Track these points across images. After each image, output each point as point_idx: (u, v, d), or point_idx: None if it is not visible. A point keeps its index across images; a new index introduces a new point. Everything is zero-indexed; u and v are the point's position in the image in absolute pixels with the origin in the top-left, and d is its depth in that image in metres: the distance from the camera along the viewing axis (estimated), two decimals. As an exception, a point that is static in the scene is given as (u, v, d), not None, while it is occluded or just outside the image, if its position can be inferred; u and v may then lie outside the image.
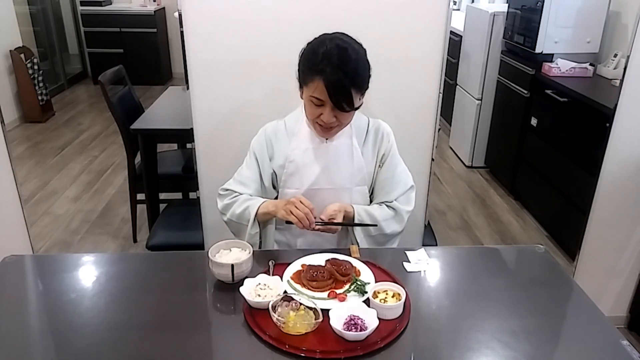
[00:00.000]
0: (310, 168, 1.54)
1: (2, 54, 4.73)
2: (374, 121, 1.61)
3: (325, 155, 1.53)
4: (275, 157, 1.57)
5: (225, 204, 1.58)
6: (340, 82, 1.34)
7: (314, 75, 1.36)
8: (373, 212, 1.55)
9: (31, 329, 1.19)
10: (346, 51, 1.36)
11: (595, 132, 2.60)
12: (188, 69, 1.83)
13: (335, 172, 1.54)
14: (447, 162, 4.33)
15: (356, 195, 1.58)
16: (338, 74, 1.34)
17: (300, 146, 1.54)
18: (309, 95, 1.41)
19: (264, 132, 1.59)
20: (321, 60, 1.35)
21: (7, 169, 2.01)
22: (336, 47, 1.36)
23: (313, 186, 1.54)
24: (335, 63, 1.34)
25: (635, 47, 1.95)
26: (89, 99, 5.98)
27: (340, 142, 1.54)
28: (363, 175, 1.57)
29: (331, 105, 1.38)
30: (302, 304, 1.17)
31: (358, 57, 1.38)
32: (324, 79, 1.34)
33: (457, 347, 1.13)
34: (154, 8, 6.23)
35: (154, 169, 2.78)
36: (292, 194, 1.54)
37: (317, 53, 1.37)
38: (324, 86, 1.35)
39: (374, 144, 1.59)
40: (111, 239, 3.09)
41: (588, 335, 1.19)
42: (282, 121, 1.60)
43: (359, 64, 1.38)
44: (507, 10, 3.65)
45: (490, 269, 1.45)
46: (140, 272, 1.42)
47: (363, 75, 1.39)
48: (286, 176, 1.56)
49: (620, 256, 2.31)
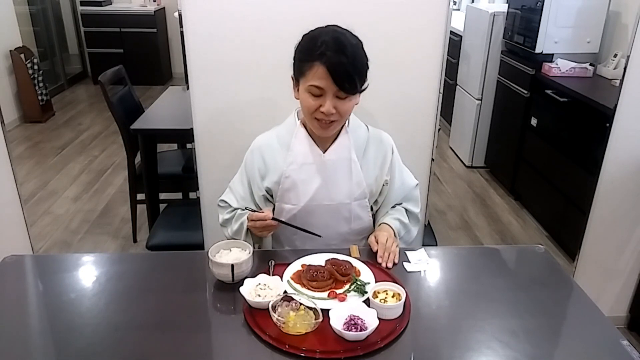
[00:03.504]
0: (308, 184, 1.49)
1: (2, 54, 4.73)
2: (373, 131, 1.57)
3: (323, 171, 1.49)
4: (270, 174, 1.52)
5: (225, 219, 1.58)
6: (342, 64, 1.31)
7: (313, 61, 1.33)
8: (403, 219, 1.60)
9: (31, 329, 1.18)
10: (344, 36, 1.36)
11: (595, 132, 2.60)
12: (188, 69, 1.83)
13: (333, 188, 1.50)
14: (447, 162, 4.33)
15: (356, 210, 1.54)
16: (339, 56, 1.31)
17: (296, 161, 1.49)
18: (308, 85, 1.36)
19: (257, 150, 1.54)
20: (320, 45, 1.33)
21: (7, 169, 2.01)
22: (333, 33, 1.36)
23: (311, 202, 1.50)
24: (334, 48, 1.32)
25: (635, 47, 1.95)
26: (89, 99, 5.99)
27: (338, 156, 1.49)
28: (362, 189, 1.52)
29: (332, 91, 1.34)
30: (302, 304, 1.17)
31: (356, 43, 1.37)
32: (325, 62, 1.31)
33: (457, 347, 1.13)
34: (154, 8, 6.23)
35: (154, 169, 2.78)
36: (290, 209, 1.52)
37: (314, 40, 1.36)
38: (324, 69, 1.32)
39: (375, 157, 1.55)
40: (111, 239, 3.09)
41: (588, 335, 1.19)
42: (273, 133, 1.55)
43: (358, 50, 1.37)
44: (507, 10, 3.65)
45: (490, 269, 1.45)
46: (140, 272, 1.42)
47: (362, 61, 1.37)
48: (282, 192, 1.51)
49: (620, 256, 2.31)
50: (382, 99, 1.89)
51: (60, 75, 6.17)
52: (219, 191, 1.63)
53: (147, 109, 2.95)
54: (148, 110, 2.93)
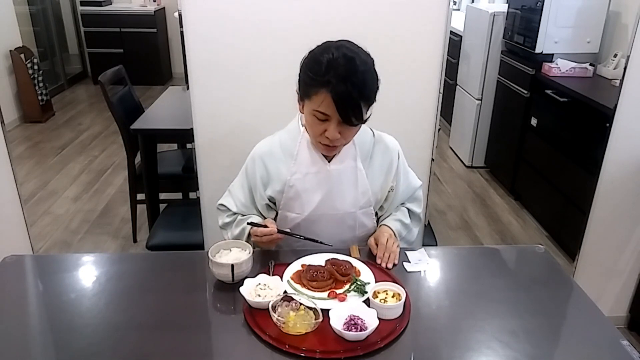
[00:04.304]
0: (312, 194, 1.46)
1: (2, 54, 4.73)
2: (379, 136, 1.52)
3: (328, 180, 1.45)
4: (273, 183, 1.47)
5: (225, 222, 1.57)
6: (349, 94, 1.24)
7: (319, 87, 1.25)
8: (405, 220, 1.58)
9: (31, 329, 1.18)
10: (354, 61, 1.25)
11: (595, 132, 2.60)
12: (188, 69, 1.83)
13: (338, 198, 1.46)
14: (447, 162, 4.33)
15: (361, 218, 1.52)
16: (346, 85, 1.23)
17: (300, 170, 1.44)
18: (313, 110, 1.29)
19: (259, 158, 1.48)
20: (326, 70, 1.24)
21: (7, 169, 2.01)
22: (343, 57, 1.25)
23: (316, 212, 1.47)
24: (342, 74, 1.23)
25: (635, 47, 1.95)
26: (89, 99, 5.99)
27: (343, 165, 1.45)
28: (368, 198, 1.49)
29: (337, 120, 1.28)
30: (302, 304, 1.17)
31: (366, 68, 1.28)
32: (331, 91, 1.24)
33: (457, 347, 1.13)
34: (154, 8, 6.23)
35: (154, 169, 2.78)
36: (294, 218, 1.49)
37: (321, 62, 1.26)
38: (330, 99, 1.24)
39: (381, 164, 1.50)
40: (111, 239, 3.09)
41: (588, 335, 1.19)
42: (275, 139, 1.50)
43: (367, 75, 1.28)
44: (507, 10, 3.65)
45: (490, 269, 1.45)
46: (140, 272, 1.42)
47: (371, 87, 1.29)
48: (286, 200, 1.47)
49: (620, 256, 2.31)
50: (382, 99, 1.88)
51: (60, 75, 6.17)
52: (219, 191, 1.63)
53: (147, 109, 2.95)
54: (148, 110, 2.93)
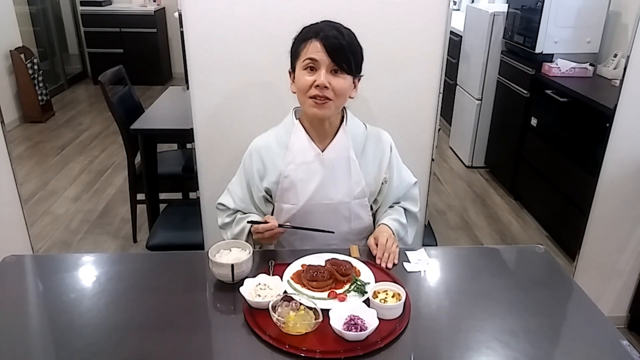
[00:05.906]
0: (307, 184, 1.49)
1: (2, 54, 4.73)
2: (371, 129, 1.56)
3: (322, 170, 1.48)
4: (268, 174, 1.51)
5: (224, 222, 1.58)
6: (336, 39, 1.35)
7: (308, 39, 1.37)
8: (402, 221, 1.59)
9: (31, 329, 1.18)
10: (339, 25, 1.41)
11: (595, 132, 2.60)
12: (188, 69, 1.83)
13: (332, 187, 1.50)
14: (447, 162, 4.33)
15: (355, 209, 1.54)
16: (334, 33, 1.36)
17: (294, 160, 1.48)
18: (302, 61, 1.38)
19: (255, 152, 1.53)
20: (314, 28, 1.38)
21: (7, 169, 2.01)
22: (328, 23, 1.41)
23: (310, 201, 1.50)
24: (329, 28, 1.38)
25: (635, 47, 1.95)
26: (89, 99, 5.99)
27: (337, 154, 1.49)
28: (362, 188, 1.52)
29: (327, 65, 1.36)
30: (302, 304, 1.17)
31: (351, 32, 1.41)
32: (321, 38, 1.35)
33: (457, 347, 1.13)
34: (154, 8, 6.23)
35: (154, 169, 2.78)
36: (289, 209, 1.51)
37: (309, 27, 1.41)
38: (319, 43, 1.35)
39: (374, 155, 1.54)
40: (111, 239, 3.09)
41: (588, 335, 1.19)
42: (271, 133, 1.55)
43: (353, 37, 1.41)
44: (507, 10, 3.65)
45: (490, 269, 1.45)
46: (140, 272, 1.42)
47: (357, 46, 1.41)
48: (281, 191, 1.51)
49: (620, 256, 2.31)
50: (382, 98, 1.89)
51: (60, 75, 6.17)
52: (218, 191, 1.63)
53: (147, 109, 2.95)
54: (148, 110, 2.93)
